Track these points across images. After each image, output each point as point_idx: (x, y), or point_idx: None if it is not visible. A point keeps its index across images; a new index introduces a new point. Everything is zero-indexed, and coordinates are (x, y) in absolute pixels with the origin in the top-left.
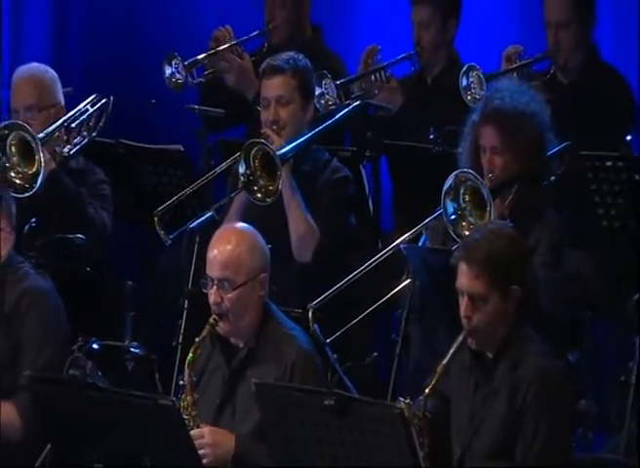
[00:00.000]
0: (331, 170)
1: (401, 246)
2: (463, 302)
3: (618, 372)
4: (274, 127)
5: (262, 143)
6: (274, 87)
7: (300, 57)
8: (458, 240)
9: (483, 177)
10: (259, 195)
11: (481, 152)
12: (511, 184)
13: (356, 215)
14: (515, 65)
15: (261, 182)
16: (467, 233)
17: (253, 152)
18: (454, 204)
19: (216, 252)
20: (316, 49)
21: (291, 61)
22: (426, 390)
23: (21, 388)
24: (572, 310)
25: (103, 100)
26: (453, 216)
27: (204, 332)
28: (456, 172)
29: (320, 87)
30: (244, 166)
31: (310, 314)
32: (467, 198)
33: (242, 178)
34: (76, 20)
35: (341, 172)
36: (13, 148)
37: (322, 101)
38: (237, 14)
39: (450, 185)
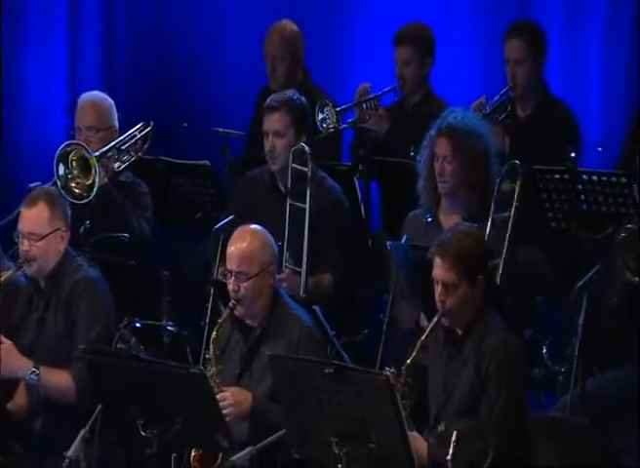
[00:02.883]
0: (326, 189)
1: (387, 243)
2: (438, 289)
3: (564, 346)
4: (270, 155)
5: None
6: (272, 122)
7: (296, 96)
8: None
9: (436, 182)
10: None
11: (434, 160)
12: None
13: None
14: (485, 111)
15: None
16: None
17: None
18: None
19: (233, 248)
20: (308, 88)
21: (287, 100)
22: (408, 361)
23: (76, 359)
24: (526, 296)
25: (149, 128)
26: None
27: (224, 315)
28: None
29: (322, 113)
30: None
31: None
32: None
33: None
34: (122, 59)
35: (335, 192)
36: (74, 163)
37: (324, 125)
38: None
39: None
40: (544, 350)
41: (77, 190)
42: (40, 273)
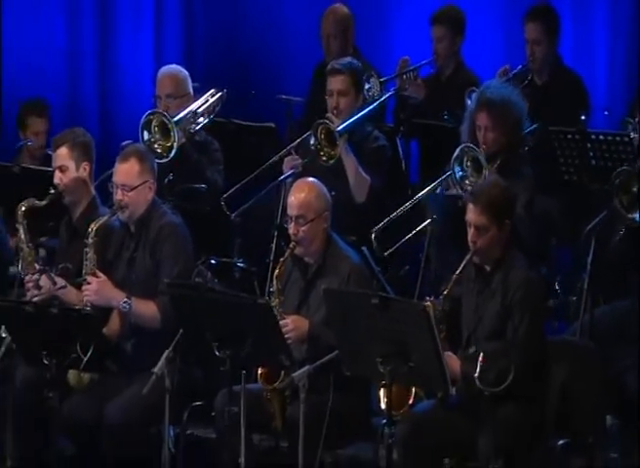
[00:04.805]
0: (373, 138)
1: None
2: (471, 231)
3: (575, 280)
4: (334, 111)
5: (326, 122)
6: (337, 82)
7: (355, 61)
8: (461, 192)
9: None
10: (324, 158)
11: (477, 130)
12: (498, 154)
13: (393, 172)
14: (508, 77)
15: (326, 150)
16: (469, 188)
17: (319, 129)
18: (460, 167)
19: (293, 198)
20: None
21: (348, 65)
22: (445, 292)
23: (161, 292)
24: (542, 238)
25: (220, 93)
26: (459, 175)
27: (286, 254)
28: (461, 145)
29: (368, 83)
30: (314, 138)
31: (373, 236)
32: (469, 163)
33: (312, 148)
34: (200, 35)
35: (381, 140)
36: (156, 128)
37: (369, 93)
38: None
39: (457, 154)
40: (557, 286)
41: (159, 151)
42: (131, 219)
